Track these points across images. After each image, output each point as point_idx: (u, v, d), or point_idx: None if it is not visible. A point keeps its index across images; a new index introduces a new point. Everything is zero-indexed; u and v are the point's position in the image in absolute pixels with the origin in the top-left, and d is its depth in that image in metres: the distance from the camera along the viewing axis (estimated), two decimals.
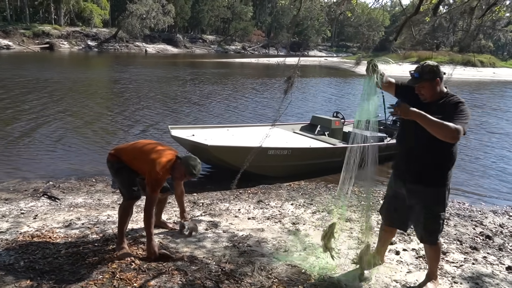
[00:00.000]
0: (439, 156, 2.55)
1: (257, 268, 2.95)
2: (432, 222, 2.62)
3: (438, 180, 2.59)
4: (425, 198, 2.60)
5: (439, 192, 2.60)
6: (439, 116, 2.35)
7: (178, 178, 3.15)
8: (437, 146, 2.47)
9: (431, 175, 2.58)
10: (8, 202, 4.46)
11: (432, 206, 2.61)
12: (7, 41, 38.18)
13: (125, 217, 3.12)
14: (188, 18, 55.56)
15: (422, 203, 2.61)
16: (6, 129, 8.51)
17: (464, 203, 5.21)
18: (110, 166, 3.20)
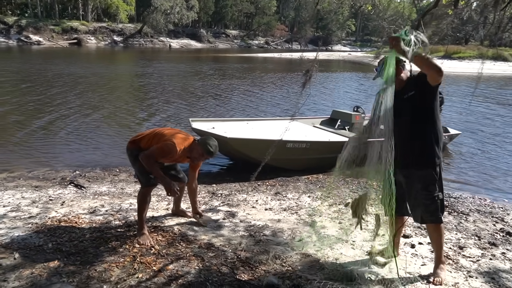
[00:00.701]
0: (424, 139, 2.68)
1: (271, 257, 3.03)
2: (430, 203, 2.70)
3: (426, 162, 2.69)
4: (418, 181, 2.70)
5: (429, 173, 2.69)
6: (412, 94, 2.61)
7: (197, 158, 3.21)
8: (420, 129, 2.66)
9: (420, 157, 2.69)
10: (38, 189, 4.69)
11: (426, 187, 2.69)
12: (37, 37, 39.50)
13: (143, 203, 3.24)
14: (212, 13, 55.87)
15: (418, 185, 2.70)
16: (37, 121, 8.88)
17: (485, 200, 5.12)
18: (129, 153, 3.31)
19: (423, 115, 2.66)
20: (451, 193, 5.31)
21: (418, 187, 2.71)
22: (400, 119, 2.63)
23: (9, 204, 4.02)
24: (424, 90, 2.60)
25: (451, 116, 11.28)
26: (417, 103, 2.63)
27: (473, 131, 9.76)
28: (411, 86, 2.66)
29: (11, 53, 29.63)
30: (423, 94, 2.62)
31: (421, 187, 2.70)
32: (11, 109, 10.01)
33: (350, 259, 3.06)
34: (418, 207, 2.78)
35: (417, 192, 2.73)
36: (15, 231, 3.27)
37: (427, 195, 2.70)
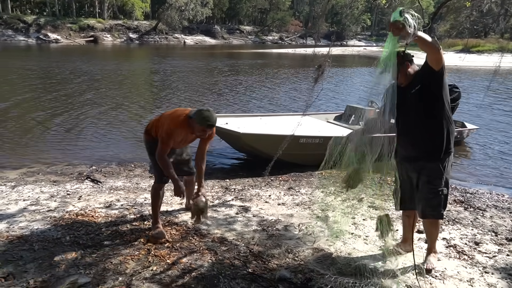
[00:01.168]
0: (429, 131, 2.65)
1: (284, 251, 3.05)
2: (433, 197, 2.68)
3: (435, 154, 2.67)
4: (423, 174, 2.69)
5: (436, 167, 2.67)
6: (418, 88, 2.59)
7: (201, 134, 3.07)
8: (429, 122, 2.63)
9: (429, 150, 2.67)
10: (56, 184, 4.81)
11: (432, 180, 2.67)
12: (56, 35, 40.23)
13: (156, 198, 3.28)
14: (226, 9, 55.88)
15: (424, 179, 2.69)
16: (54, 118, 9.08)
17: (503, 195, 5.01)
18: (145, 145, 3.34)
19: (432, 108, 2.62)
20: (467, 189, 5.22)
21: (423, 180, 2.70)
22: (409, 114, 2.63)
23: (29, 198, 4.14)
24: (429, 80, 2.57)
25: (469, 111, 11.07)
26: (424, 96, 2.60)
27: (492, 126, 9.56)
28: (417, 80, 2.63)
29: (30, 51, 30.26)
30: (428, 86, 2.58)
31: (426, 180, 2.69)
32: (30, 106, 10.26)
33: (363, 253, 3.06)
34: (420, 201, 2.76)
35: (421, 186, 2.72)
36: (35, 224, 3.37)
37: (431, 188, 2.68)
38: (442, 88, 2.60)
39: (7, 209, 3.76)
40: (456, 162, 6.80)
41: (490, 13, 17.74)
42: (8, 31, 39.23)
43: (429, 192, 2.69)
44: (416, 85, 2.61)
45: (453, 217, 4.00)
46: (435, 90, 2.59)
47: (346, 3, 26.12)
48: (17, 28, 39.74)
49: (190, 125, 3.04)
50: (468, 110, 11.07)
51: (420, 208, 2.77)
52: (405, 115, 2.67)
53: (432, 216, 2.77)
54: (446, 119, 2.66)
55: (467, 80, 18.72)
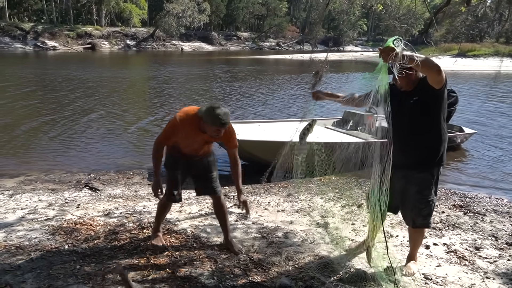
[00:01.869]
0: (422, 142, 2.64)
1: (284, 258, 3.03)
2: (424, 207, 2.70)
3: (426, 166, 2.67)
4: (415, 183, 2.68)
5: (427, 177, 2.68)
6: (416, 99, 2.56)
7: (215, 135, 2.78)
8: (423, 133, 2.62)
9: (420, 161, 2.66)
10: (54, 192, 4.78)
11: (422, 190, 2.68)
12: (53, 43, 40.32)
13: (161, 212, 3.24)
14: (223, 15, 56.15)
15: (413, 188, 2.69)
16: (52, 126, 9.06)
17: (502, 199, 5.02)
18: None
19: (427, 121, 2.61)
20: (466, 193, 5.23)
21: (414, 190, 2.69)
22: (403, 122, 2.61)
23: (27, 206, 4.11)
24: (429, 97, 2.55)
25: (466, 115, 11.11)
26: (421, 109, 2.58)
27: (489, 130, 9.59)
28: (417, 92, 2.60)
29: (27, 59, 30.28)
30: (426, 102, 2.56)
31: (417, 191, 2.68)
32: (27, 113, 10.22)
33: (363, 260, 3.04)
34: (411, 210, 2.76)
35: (411, 195, 2.71)
36: (33, 233, 3.35)
37: (422, 198, 2.68)
38: (440, 105, 2.60)
39: (5, 218, 3.74)
40: (455, 167, 6.81)
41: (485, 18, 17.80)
42: (6, 38, 39.28)
43: (420, 202, 2.69)
44: (415, 96, 2.59)
45: (453, 222, 4.00)
46: (433, 106, 2.59)
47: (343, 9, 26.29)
48: (15, 36, 39.80)
49: (201, 125, 2.77)
50: (465, 114, 11.11)
51: (411, 217, 2.78)
52: (399, 122, 2.60)
53: (422, 225, 2.78)
54: (440, 132, 2.66)
55: (463, 84, 18.82)
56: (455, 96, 3.04)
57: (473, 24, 19.50)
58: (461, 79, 21.46)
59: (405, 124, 2.62)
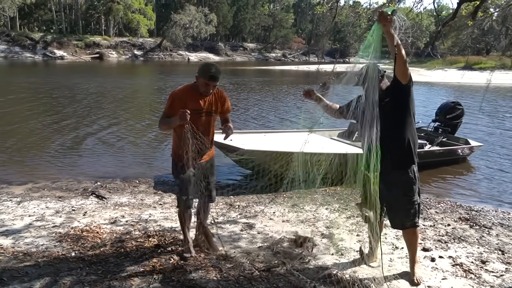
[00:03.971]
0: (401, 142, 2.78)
1: (289, 268, 3.03)
2: (411, 207, 2.81)
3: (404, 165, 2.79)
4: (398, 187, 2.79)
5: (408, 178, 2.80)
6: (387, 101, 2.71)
7: (205, 90, 2.94)
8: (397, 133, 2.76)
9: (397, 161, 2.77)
10: (61, 199, 4.83)
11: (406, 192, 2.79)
12: (62, 52, 40.88)
13: (182, 222, 3.21)
14: (230, 26, 56.72)
15: (397, 191, 2.79)
16: (59, 134, 9.16)
17: (509, 213, 4.99)
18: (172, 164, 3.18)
19: (399, 119, 2.76)
20: (472, 206, 5.20)
21: (398, 193, 2.80)
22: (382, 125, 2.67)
23: (34, 213, 4.16)
24: (397, 94, 2.71)
25: (473, 128, 11.07)
26: (391, 108, 2.72)
27: (496, 143, 9.55)
28: (387, 93, 2.76)
29: (36, 68, 30.70)
30: (395, 98, 2.72)
31: (402, 193, 2.79)
32: (35, 121, 10.34)
33: (368, 271, 3.03)
34: (398, 212, 2.85)
35: (396, 198, 2.81)
36: (40, 240, 3.38)
37: (407, 200, 2.80)
38: (408, 101, 2.76)
39: (13, 225, 3.78)
40: (461, 179, 6.78)
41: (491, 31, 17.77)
42: (16, 48, 39.91)
43: (406, 203, 2.80)
44: (385, 98, 2.73)
45: (459, 235, 3.98)
46: (401, 103, 2.74)
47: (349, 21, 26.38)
48: (24, 45, 40.42)
49: (195, 85, 2.99)
50: (471, 127, 11.08)
51: (399, 220, 2.87)
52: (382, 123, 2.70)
53: (411, 225, 2.87)
54: (412, 131, 2.81)
55: (469, 98, 18.77)
56: (461, 109, 3.11)
57: (479, 38, 19.52)
58: (467, 92, 21.42)
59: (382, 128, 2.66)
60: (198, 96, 3.01)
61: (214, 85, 2.96)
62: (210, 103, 3.07)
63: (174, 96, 3.01)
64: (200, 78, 2.94)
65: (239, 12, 57.38)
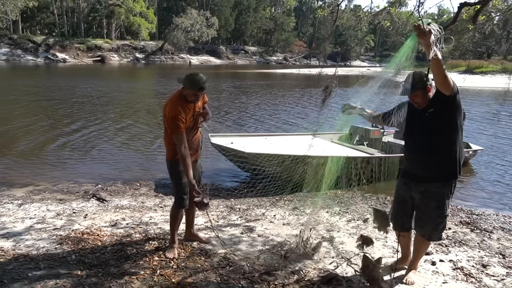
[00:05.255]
0: (440, 155, 2.68)
1: (289, 272, 3.03)
2: (442, 221, 2.76)
3: (444, 179, 2.71)
4: (433, 199, 2.72)
5: (445, 192, 2.71)
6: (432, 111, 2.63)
7: (194, 99, 3.06)
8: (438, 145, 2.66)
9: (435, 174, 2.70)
10: (62, 202, 4.84)
11: (441, 205, 2.72)
12: (64, 55, 41.07)
13: (174, 220, 3.27)
14: (231, 30, 56.90)
15: (432, 203, 2.72)
16: (60, 137, 9.19)
17: (510, 217, 4.97)
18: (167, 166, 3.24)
19: (442, 131, 2.65)
20: (473, 210, 5.19)
21: (433, 205, 2.72)
22: (422, 136, 2.69)
23: (35, 216, 4.16)
24: (441, 104, 2.61)
25: (474, 132, 11.07)
26: (435, 118, 2.64)
27: (497, 147, 9.54)
28: (432, 103, 2.67)
29: (38, 71, 30.80)
30: (440, 109, 2.62)
31: (435, 206, 2.72)
32: (36, 125, 10.37)
33: None
34: (428, 224, 2.79)
35: (430, 210, 2.74)
36: (41, 242, 3.39)
37: (440, 213, 2.74)
38: (454, 113, 2.62)
39: (14, 227, 3.79)
40: (462, 183, 6.77)
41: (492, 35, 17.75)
42: (18, 50, 40.11)
43: (438, 216, 2.74)
44: (430, 108, 2.65)
45: (460, 238, 3.97)
46: (446, 115, 2.62)
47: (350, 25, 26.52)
48: (27, 48, 40.63)
49: (183, 95, 3.07)
50: (473, 131, 11.07)
51: (427, 231, 2.79)
52: (417, 136, 2.73)
53: (437, 238, 2.85)
54: (457, 145, 2.68)
55: (471, 101, 18.77)
56: (463, 113, 3.08)
57: (480, 41, 19.52)
58: (469, 95, 21.41)
59: (424, 136, 2.69)
60: (187, 104, 3.09)
61: (203, 93, 3.11)
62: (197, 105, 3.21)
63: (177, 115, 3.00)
64: (189, 90, 3.02)
65: (240, 16, 57.59)
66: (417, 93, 2.66)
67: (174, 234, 3.27)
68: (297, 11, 71.34)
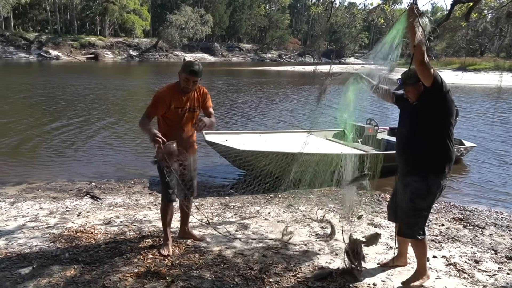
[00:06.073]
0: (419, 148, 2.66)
1: (283, 268, 3.04)
2: (413, 215, 2.70)
3: (418, 173, 2.67)
4: (407, 190, 2.71)
5: (421, 186, 2.65)
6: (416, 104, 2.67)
7: (186, 86, 3.03)
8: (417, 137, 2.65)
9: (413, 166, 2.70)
10: (55, 200, 4.81)
11: (414, 199, 2.68)
12: (57, 52, 40.73)
13: (164, 217, 3.27)
14: (226, 27, 56.75)
15: (407, 196, 2.71)
16: (53, 135, 9.12)
17: (502, 213, 5.02)
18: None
19: (426, 124, 2.63)
20: (466, 206, 5.23)
21: (407, 198, 2.71)
22: (406, 128, 2.74)
23: (28, 214, 4.13)
24: (424, 97, 2.62)
25: (467, 129, 11.15)
26: (418, 111, 2.67)
27: (489, 144, 9.61)
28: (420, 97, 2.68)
29: (30, 68, 30.52)
30: (424, 103, 2.63)
31: (409, 198, 2.69)
32: (29, 122, 10.29)
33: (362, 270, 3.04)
34: (401, 217, 2.78)
35: (404, 203, 2.74)
36: (34, 241, 3.36)
37: (413, 208, 2.68)
38: (438, 107, 2.60)
39: (6, 226, 3.76)
40: (454, 180, 6.82)
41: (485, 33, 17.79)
42: (10, 48, 39.72)
43: (411, 210, 2.69)
44: (422, 108, 2.65)
45: (452, 235, 4.01)
46: (430, 109, 2.60)
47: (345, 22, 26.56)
48: (19, 45, 40.25)
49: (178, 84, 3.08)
50: (465, 128, 11.15)
51: (401, 224, 2.80)
52: (402, 128, 2.79)
53: (407, 235, 2.78)
54: (442, 140, 2.64)
55: (464, 98, 18.90)
56: (456, 110, 3.08)
57: (473, 39, 19.57)
58: (462, 92, 21.55)
59: (407, 129, 2.72)
60: (180, 94, 3.10)
61: (194, 80, 3.04)
62: (192, 100, 3.17)
63: (157, 96, 3.10)
64: (182, 73, 3.02)
65: (235, 13, 57.45)
66: (408, 88, 2.70)
67: (167, 230, 3.27)
68: (292, 9, 71.30)
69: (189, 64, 3.03)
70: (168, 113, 3.12)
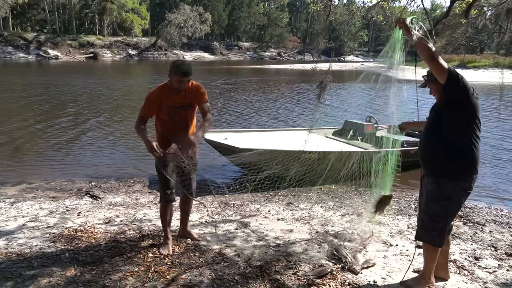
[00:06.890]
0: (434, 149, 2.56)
1: (284, 266, 3.04)
2: (427, 219, 2.59)
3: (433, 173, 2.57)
4: (426, 194, 2.62)
5: (434, 188, 2.54)
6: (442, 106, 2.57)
7: (178, 85, 3.00)
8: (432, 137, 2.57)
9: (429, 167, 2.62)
10: (55, 200, 4.81)
11: (427, 202, 2.60)
12: (55, 52, 40.67)
13: (164, 217, 3.26)
14: (225, 25, 56.68)
15: (425, 198, 2.63)
16: (53, 135, 9.12)
17: (502, 210, 5.03)
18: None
19: (440, 123, 2.54)
20: (466, 203, 5.23)
21: (424, 200, 2.65)
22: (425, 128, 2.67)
23: (28, 214, 4.13)
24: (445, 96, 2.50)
25: None
26: (435, 111, 2.61)
27: (489, 141, 9.61)
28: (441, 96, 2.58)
29: (29, 68, 30.48)
30: (444, 101, 2.53)
31: (424, 201, 2.63)
32: (28, 122, 10.29)
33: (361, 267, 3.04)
34: (418, 218, 2.74)
35: (422, 204, 2.70)
36: (34, 241, 3.36)
37: (426, 211, 2.60)
38: (455, 106, 2.47)
39: (6, 226, 3.76)
40: None
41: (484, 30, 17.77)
42: (8, 48, 39.66)
43: (424, 213, 2.63)
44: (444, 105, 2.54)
45: (453, 232, 4.00)
46: (447, 107, 2.50)
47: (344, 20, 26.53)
48: (17, 45, 40.17)
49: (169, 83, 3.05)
50: None
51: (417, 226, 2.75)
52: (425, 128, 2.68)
53: (423, 239, 2.66)
54: (457, 141, 2.48)
55: None
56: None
57: (473, 36, 19.54)
58: None
59: (425, 129, 2.66)
60: (173, 93, 3.06)
61: (187, 80, 3.02)
62: (186, 97, 3.13)
63: (148, 97, 3.09)
64: (173, 76, 2.98)
65: (234, 11, 57.38)
66: (430, 85, 2.63)
67: (166, 230, 3.26)
68: (291, 7, 71.19)
69: (179, 66, 2.99)
70: (161, 113, 3.11)
